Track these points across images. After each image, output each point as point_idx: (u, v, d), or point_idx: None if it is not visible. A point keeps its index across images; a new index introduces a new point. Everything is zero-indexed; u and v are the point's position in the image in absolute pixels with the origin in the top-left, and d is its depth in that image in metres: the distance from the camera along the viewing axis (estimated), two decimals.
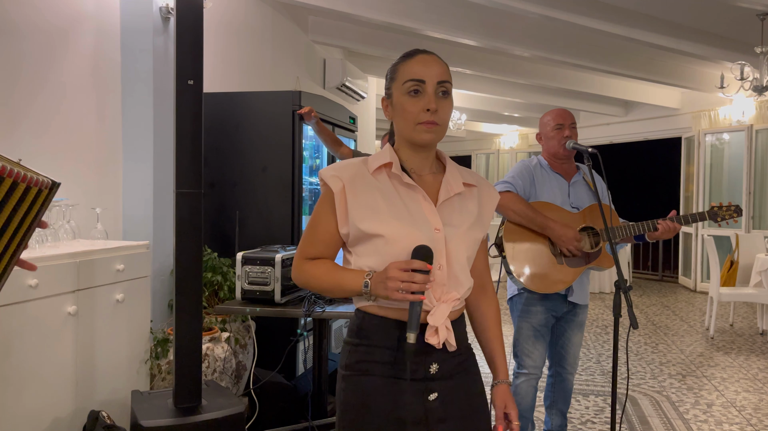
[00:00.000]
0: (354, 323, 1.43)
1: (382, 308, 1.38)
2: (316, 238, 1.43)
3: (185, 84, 2.36)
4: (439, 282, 1.37)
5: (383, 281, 1.29)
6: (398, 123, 1.42)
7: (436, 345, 1.34)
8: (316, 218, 1.43)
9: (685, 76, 7.45)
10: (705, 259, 8.44)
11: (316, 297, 2.79)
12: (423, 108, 1.36)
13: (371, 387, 1.36)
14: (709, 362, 4.99)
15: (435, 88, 1.37)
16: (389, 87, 1.44)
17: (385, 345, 1.37)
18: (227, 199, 3.75)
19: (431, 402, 1.37)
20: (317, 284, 1.41)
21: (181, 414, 2.37)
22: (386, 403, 1.35)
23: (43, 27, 2.83)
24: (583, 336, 2.83)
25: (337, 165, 1.42)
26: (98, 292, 2.53)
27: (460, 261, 1.40)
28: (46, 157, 2.86)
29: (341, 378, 1.41)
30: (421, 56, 1.41)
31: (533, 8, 4.76)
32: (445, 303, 1.35)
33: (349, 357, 1.40)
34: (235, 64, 4.41)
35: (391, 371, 1.36)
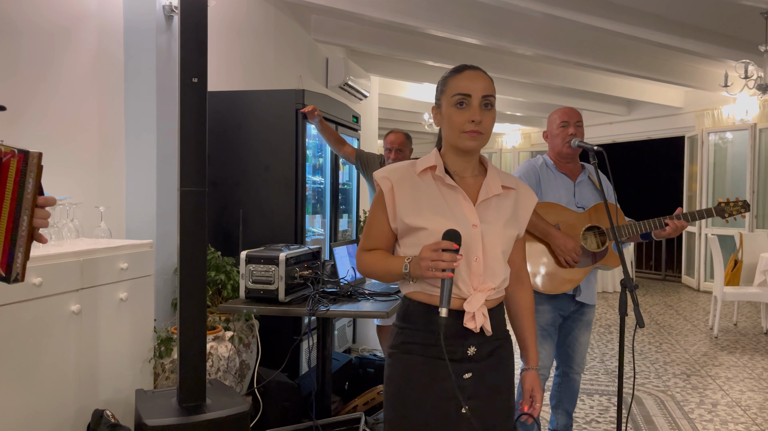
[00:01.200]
0: (401, 308, 1.62)
1: (425, 295, 1.55)
2: (371, 233, 1.62)
3: (189, 82, 2.36)
4: (475, 272, 1.54)
5: (417, 262, 1.47)
6: (445, 130, 1.59)
7: (473, 329, 1.51)
8: (372, 215, 1.63)
9: (689, 75, 7.43)
10: (708, 258, 8.41)
11: (320, 296, 2.79)
12: (468, 119, 1.53)
13: (413, 364, 1.55)
14: (713, 361, 4.97)
15: (480, 101, 1.53)
16: (439, 98, 1.61)
17: (426, 328, 1.54)
18: (230, 198, 3.74)
19: (465, 380, 1.54)
20: (372, 271, 1.61)
21: (185, 413, 2.36)
22: (425, 379, 1.54)
23: (45, 26, 2.82)
24: (590, 335, 2.82)
25: (388, 168, 1.61)
26: (102, 291, 2.53)
27: (495, 254, 1.56)
28: (49, 155, 2.85)
29: (388, 355, 1.61)
30: (469, 72, 1.57)
31: (536, 6, 4.75)
32: (481, 292, 1.53)
33: (395, 338, 1.60)
34: (238, 63, 4.41)
35: (432, 352, 1.53)
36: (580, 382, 2.85)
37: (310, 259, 2.96)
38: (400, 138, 3.90)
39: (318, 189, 4.31)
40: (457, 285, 1.52)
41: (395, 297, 2.91)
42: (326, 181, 4.36)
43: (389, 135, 3.95)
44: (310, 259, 2.96)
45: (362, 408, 3.29)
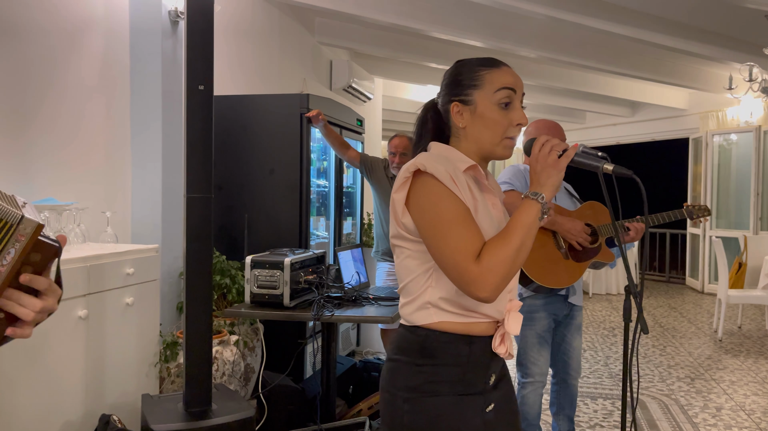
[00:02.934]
0: (412, 342, 1.33)
1: (450, 323, 1.31)
2: (469, 229, 1.24)
3: (196, 89, 2.37)
4: (508, 289, 1.36)
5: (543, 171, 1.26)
6: (480, 133, 1.34)
7: (502, 354, 1.34)
8: (449, 208, 1.25)
9: (693, 77, 7.42)
10: (712, 260, 8.40)
11: (325, 301, 2.80)
12: (514, 122, 1.33)
13: (439, 407, 1.30)
14: (717, 365, 4.97)
15: (521, 100, 1.36)
16: (468, 93, 1.34)
17: (452, 362, 1.31)
18: (235, 202, 3.75)
19: (488, 414, 1.34)
20: (513, 262, 1.22)
21: (191, 418, 2.37)
22: (454, 422, 1.30)
23: (52, 30, 2.84)
24: (582, 339, 2.83)
25: (431, 156, 1.30)
26: (108, 296, 2.54)
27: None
28: (55, 160, 2.87)
29: (403, 401, 1.31)
30: (507, 67, 1.37)
31: (539, 9, 4.75)
32: (514, 311, 1.35)
33: (413, 379, 1.31)
34: (242, 66, 4.42)
35: (459, 388, 1.31)
36: (578, 386, 2.86)
37: (314, 264, 2.98)
38: (405, 142, 3.91)
39: (322, 192, 4.32)
40: (491, 310, 1.33)
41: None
42: (330, 185, 4.37)
43: (393, 139, 3.96)
44: (314, 264, 2.98)
45: (367, 413, 3.30)
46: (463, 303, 1.30)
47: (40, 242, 0.85)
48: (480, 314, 1.32)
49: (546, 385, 2.87)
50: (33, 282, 0.87)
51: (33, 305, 0.89)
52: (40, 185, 2.77)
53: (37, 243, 0.85)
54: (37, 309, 0.90)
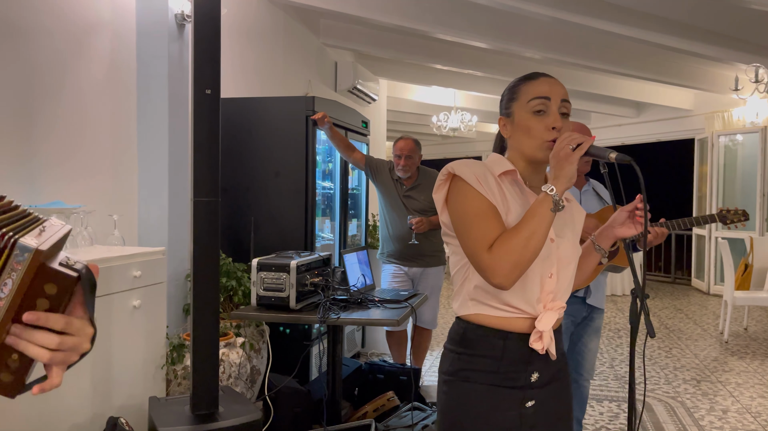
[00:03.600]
0: (456, 332, 1.47)
1: (486, 316, 1.42)
2: (486, 220, 1.35)
3: (203, 93, 2.38)
4: (547, 289, 1.42)
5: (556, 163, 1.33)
6: (520, 140, 1.45)
7: (539, 350, 1.39)
8: (473, 204, 1.37)
9: (698, 78, 7.40)
10: (718, 261, 8.37)
11: (331, 304, 2.80)
12: (548, 126, 1.40)
13: (472, 393, 1.42)
14: (723, 367, 4.95)
15: (558, 107, 1.42)
16: (508, 107, 1.47)
17: (487, 354, 1.42)
18: (240, 204, 3.76)
19: (527, 409, 1.43)
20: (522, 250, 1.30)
21: (198, 421, 2.38)
22: (485, 409, 1.41)
23: (59, 33, 2.85)
24: (599, 342, 2.83)
25: (464, 163, 1.42)
26: (115, 299, 2.55)
27: (567, 271, 1.47)
28: (62, 163, 2.88)
29: (443, 382, 1.47)
30: (545, 78, 1.46)
31: (544, 10, 4.75)
32: (551, 310, 1.41)
33: (451, 364, 1.46)
34: (248, 68, 4.43)
35: (492, 379, 1.41)
36: (589, 389, 2.86)
37: (320, 266, 2.98)
38: (410, 144, 3.91)
39: (327, 194, 4.33)
40: (525, 304, 1.40)
41: (405, 304, 2.93)
42: (336, 186, 4.38)
43: (399, 141, 3.96)
44: (320, 266, 2.98)
45: (372, 415, 3.30)
46: (498, 295, 1.40)
47: (49, 271, 0.71)
48: (514, 309, 1.41)
49: None
50: (41, 321, 0.72)
51: (47, 341, 0.73)
52: (48, 188, 2.78)
53: (44, 272, 0.70)
54: (53, 345, 0.74)
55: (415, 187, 3.95)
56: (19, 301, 0.70)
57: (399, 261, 4.03)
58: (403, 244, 3.94)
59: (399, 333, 4.22)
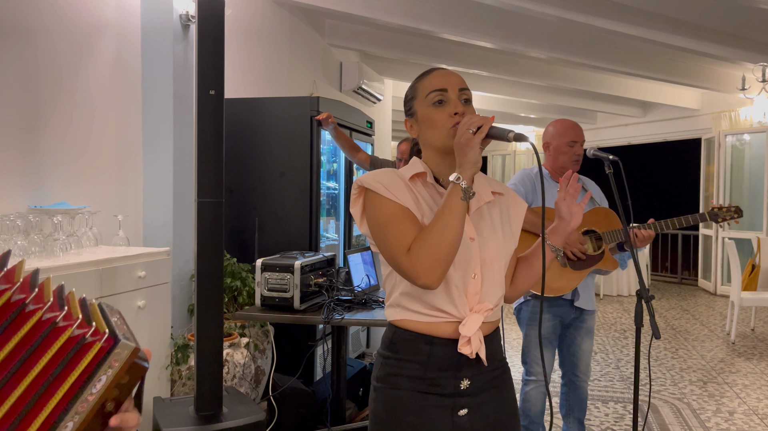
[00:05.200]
0: (386, 336, 1.44)
1: (413, 322, 1.38)
2: (400, 224, 1.34)
3: (207, 94, 2.38)
4: (472, 291, 1.37)
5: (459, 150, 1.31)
6: (427, 135, 1.43)
7: (468, 355, 1.35)
8: (384, 211, 1.35)
9: (705, 77, 7.37)
10: (725, 262, 8.33)
11: (335, 304, 2.80)
12: (450, 113, 1.39)
13: (399, 400, 1.38)
14: (730, 368, 4.93)
15: (457, 95, 1.41)
16: (410, 106, 1.47)
17: (413, 359, 1.38)
18: (246, 205, 3.77)
19: (460, 418, 1.38)
20: (438, 245, 1.28)
21: (202, 421, 2.39)
22: (413, 418, 1.36)
23: (64, 35, 2.86)
24: (593, 342, 2.83)
25: (373, 173, 1.41)
26: (121, 299, 2.56)
27: (493, 270, 1.40)
28: (68, 164, 2.90)
29: (373, 389, 1.44)
30: (438, 71, 1.46)
31: (550, 10, 4.74)
32: (478, 313, 1.37)
33: (380, 370, 1.43)
34: (253, 68, 4.44)
35: (420, 385, 1.37)
36: (587, 389, 2.87)
37: (324, 267, 2.98)
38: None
39: (332, 194, 4.33)
40: (450, 306, 1.36)
41: None
42: (340, 187, 4.38)
43: (402, 144, 3.95)
44: (324, 267, 2.98)
45: None
46: (424, 300, 1.37)
47: (134, 365, 0.73)
48: (440, 312, 1.37)
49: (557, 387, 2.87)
50: (124, 424, 0.73)
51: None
52: (53, 189, 2.79)
53: (131, 366, 0.73)
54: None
55: None
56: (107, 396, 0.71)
57: None
58: None
59: None
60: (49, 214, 2.58)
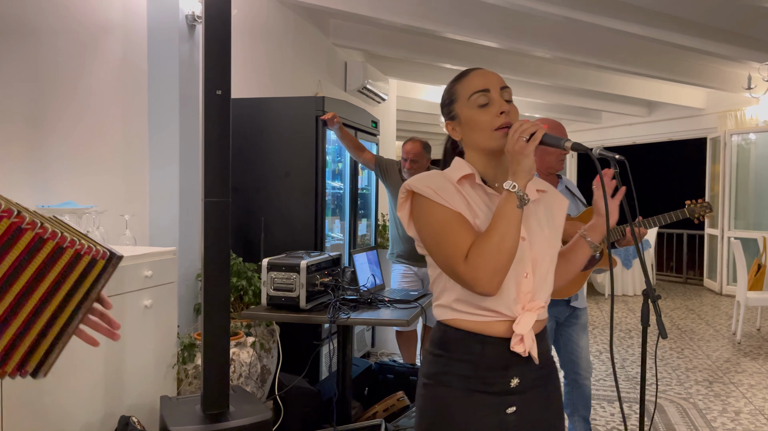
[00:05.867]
0: (436, 334, 1.45)
1: (464, 321, 1.39)
2: (454, 231, 1.33)
3: (213, 94, 2.39)
4: (524, 290, 1.38)
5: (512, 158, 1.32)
6: (473, 137, 1.43)
7: (522, 353, 1.36)
8: (437, 218, 1.35)
9: (711, 76, 7.34)
10: (731, 261, 8.30)
11: (341, 304, 2.81)
12: (495, 114, 1.39)
13: (449, 398, 1.39)
14: (736, 368, 4.91)
15: (500, 94, 1.41)
16: (451, 109, 1.46)
17: (464, 358, 1.39)
18: (251, 204, 3.77)
19: (508, 416, 1.39)
20: (497, 254, 1.29)
21: (209, 420, 2.39)
22: (462, 416, 1.38)
23: (70, 35, 2.87)
24: (588, 338, 2.86)
25: (421, 176, 1.41)
26: (127, 298, 2.57)
27: (543, 268, 1.41)
28: (74, 164, 2.91)
29: (421, 385, 1.45)
30: (477, 71, 1.45)
31: (555, 10, 4.73)
32: (531, 311, 1.37)
33: (429, 367, 1.43)
34: (258, 68, 4.44)
35: (470, 384, 1.38)
36: (590, 386, 2.87)
37: (330, 266, 2.99)
38: (417, 148, 3.89)
39: (337, 194, 4.33)
40: (503, 306, 1.36)
41: (415, 304, 2.93)
42: (345, 186, 4.38)
43: (406, 143, 3.95)
44: (330, 266, 2.99)
45: (382, 415, 3.31)
46: (476, 302, 1.37)
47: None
48: (493, 312, 1.37)
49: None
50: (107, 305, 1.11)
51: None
52: (60, 189, 2.81)
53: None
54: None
55: None
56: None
57: (409, 262, 4.02)
58: (413, 244, 3.93)
59: (409, 333, 4.22)
60: (57, 213, 2.59)
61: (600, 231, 1.52)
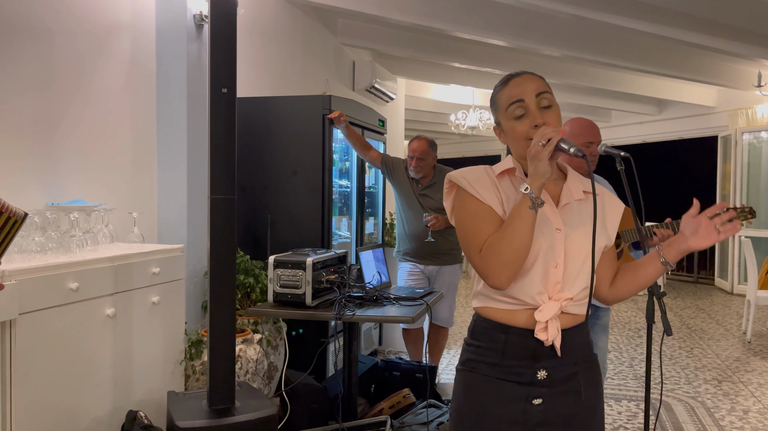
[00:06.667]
0: (471, 325, 1.53)
1: (492, 309, 1.45)
2: (478, 224, 1.41)
3: (219, 92, 2.41)
4: (552, 280, 1.40)
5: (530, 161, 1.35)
6: (513, 146, 1.49)
7: (544, 341, 1.39)
8: (467, 209, 1.43)
9: (721, 74, 7.29)
10: (742, 260, 8.24)
11: (346, 301, 2.82)
12: (530, 126, 1.42)
13: (476, 383, 1.46)
14: (745, 367, 4.88)
15: (536, 103, 1.43)
16: (496, 117, 1.52)
17: (491, 347, 1.45)
18: (259, 202, 3.80)
19: (533, 407, 1.42)
20: (506, 250, 1.34)
21: (215, 415, 2.42)
22: (487, 400, 1.44)
23: (80, 34, 2.91)
24: (608, 340, 2.82)
25: (463, 170, 1.48)
26: (135, 295, 2.60)
27: (576, 262, 1.42)
28: (84, 162, 2.94)
29: (457, 371, 1.53)
30: (515, 79, 1.48)
31: (563, 7, 4.72)
32: (557, 301, 1.39)
33: (463, 355, 1.53)
34: (266, 67, 4.47)
35: (496, 372, 1.43)
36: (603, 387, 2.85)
37: (336, 264, 3.00)
38: (423, 146, 3.90)
39: (344, 192, 4.35)
40: (526, 296, 1.40)
41: (421, 302, 2.94)
42: (352, 185, 4.40)
43: (413, 141, 3.96)
44: (336, 264, 3.00)
45: (388, 412, 3.32)
46: (505, 290, 1.42)
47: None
48: (516, 300, 1.42)
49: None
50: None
51: None
52: (69, 187, 2.84)
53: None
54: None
55: (431, 185, 3.95)
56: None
57: (415, 260, 4.03)
58: (419, 242, 3.95)
59: (415, 330, 4.23)
60: (66, 211, 2.63)
61: (676, 250, 1.45)
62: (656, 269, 1.49)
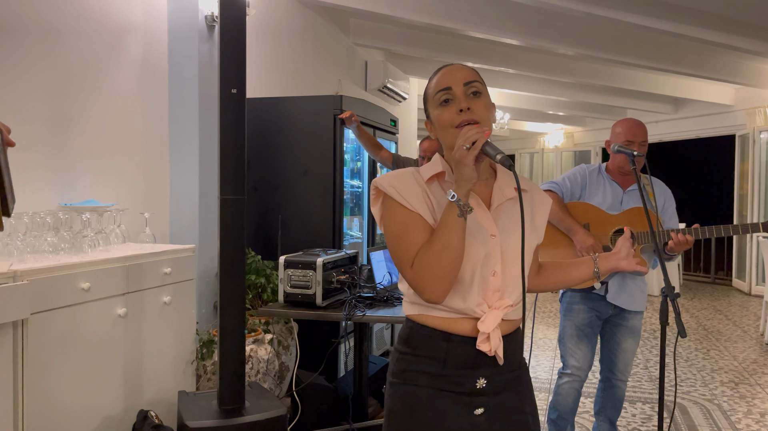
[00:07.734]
0: (403, 331, 1.43)
1: (430, 317, 1.37)
2: (408, 235, 1.33)
3: (229, 92, 2.41)
4: (492, 288, 1.35)
5: (454, 166, 1.28)
6: (441, 135, 1.41)
7: (487, 352, 1.33)
8: (395, 220, 1.35)
9: (739, 72, 7.19)
10: (760, 261, 8.12)
11: (357, 301, 2.81)
12: (455, 111, 1.36)
13: (416, 397, 1.36)
14: (763, 369, 4.80)
15: (463, 91, 1.37)
16: (426, 108, 1.46)
17: (431, 355, 1.36)
18: (270, 203, 3.81)
19: (477, 417, 1.37)
20: (438, 263, 1.27)
21: (225, 415, 2.42)
22: (431, 414, 1.35)
23: (92, 36, 2.93)
24: (636, 344, 2.77)
25: (390, 175, 1.40)
26: (146, 295, 2.61)
27: (514, 267, 1.37)
28: (96, 163, 2.96)
29: (389, 384, 1.42)
30: (444, 69, 1.44)
31: (576, 6, 4.68)
32: (497, 309, 1.34)
33: (396, 365, 1.41)
34: (278, 68, 4.48)
35: (437, 383, 1.36)
36: (624, 390, 2.81)
37: (347, 264, 3.00)
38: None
39: (356, 192, 4.35)
40: (468, 303, 1.34)
41: None
42: (364, 185, 4.39)
43: (424, 142, 3.95)
44: (347, 264, 3.00)
45: None
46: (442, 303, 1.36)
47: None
48: (457, 311, 1.35)
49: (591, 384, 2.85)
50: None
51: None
52: (82, 187, 2.87)
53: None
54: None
55: None
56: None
57: None
58: None
59: None
60: (78, 211, 2.65)
61: (610, 266, 1.51)
62: (587, 274, 1.52)
